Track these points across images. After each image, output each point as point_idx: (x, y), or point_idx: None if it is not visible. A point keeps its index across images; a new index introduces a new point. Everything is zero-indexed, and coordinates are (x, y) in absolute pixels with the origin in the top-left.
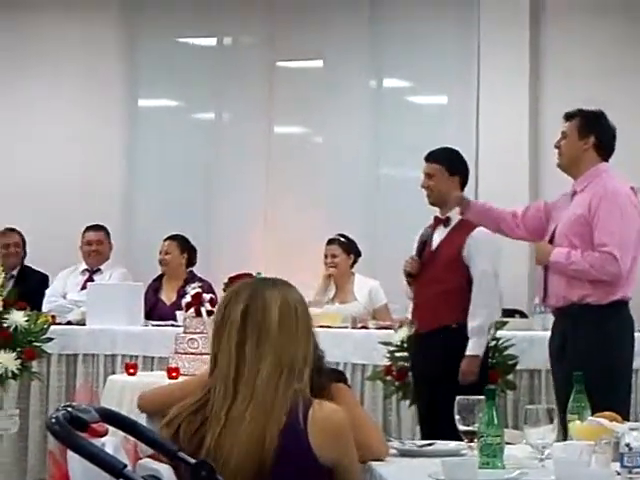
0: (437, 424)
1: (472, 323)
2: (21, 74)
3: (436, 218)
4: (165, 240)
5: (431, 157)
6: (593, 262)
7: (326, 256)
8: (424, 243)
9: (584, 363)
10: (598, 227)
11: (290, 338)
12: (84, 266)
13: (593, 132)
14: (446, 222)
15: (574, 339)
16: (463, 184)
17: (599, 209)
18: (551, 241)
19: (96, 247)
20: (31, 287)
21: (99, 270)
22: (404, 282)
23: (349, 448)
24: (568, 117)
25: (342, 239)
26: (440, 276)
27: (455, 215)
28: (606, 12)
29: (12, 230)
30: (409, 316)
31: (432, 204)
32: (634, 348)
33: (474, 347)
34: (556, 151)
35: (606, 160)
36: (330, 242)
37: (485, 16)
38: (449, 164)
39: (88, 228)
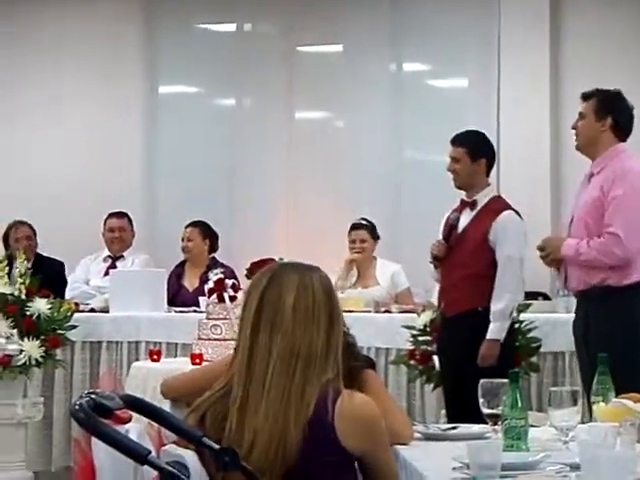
0: (462, 407)
1: (494, 307)
2: (41, 64)
3: (462, 201)
4: (187, 227)
5: (457, 140)
6: (599, 248)
7: (354, 241)
8: (451, 226)
9: (607, 345)
10: (609, 209)
11: (306, 324)
12: (107, 253)
13: (610, 113)
14: (472, 205)
15: (596, 321)
16: (489, 167)
17: (611, 190)
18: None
19: (119, 234)
20: (48, 275)
21: (122, 257)
22: (429, 265)
23: (381, 439)
24: (585, 97)
25: (368, 223)
26: (466, 260)
27: (482, 198)
28: None
29: (22, 223)
30: (435, 299)
31: (458, 187)
32: None
33: (495, 331)
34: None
35: (624, 140)
36: (357, 227)
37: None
38: (474, 147)
39: (111, 215)
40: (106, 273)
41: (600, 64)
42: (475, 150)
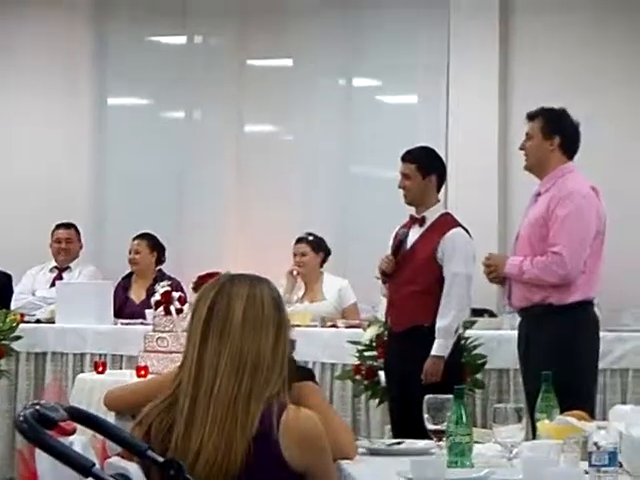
0: (408, 423)
1: (439, 324)
2: None
3: (411, 217)
4: (135, 239)
5: (407, 156)
6: (542, 267)
7: (295, 255)
8: (400, 242)
9: (548, 362)
10: (553, 228)
11: (255, 334)
12: (53, 264)
13: (558, 132)
14: (421, 222)
15: (538, 339)
16: (440, 183)
17: (555, 210)
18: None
19: (65, 245)
20: None
21: (68, 268)
22: (376, 281)
23: (324, 454)
24: (530, 117)
25: (310, 237)
26: (414, 276)
27: (431, 214)
28: (575, 10)
29: None
30: (381, 315)
31: (409, 204)
32: (599, 348)
33: (439, 348)
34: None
35: (571, 158)
36: (298, 241)
37: (455, 15)
38: (425, 163)
39: (58, 226)
40: (52, 284)
41: (549, 81)
42: (426, 166)
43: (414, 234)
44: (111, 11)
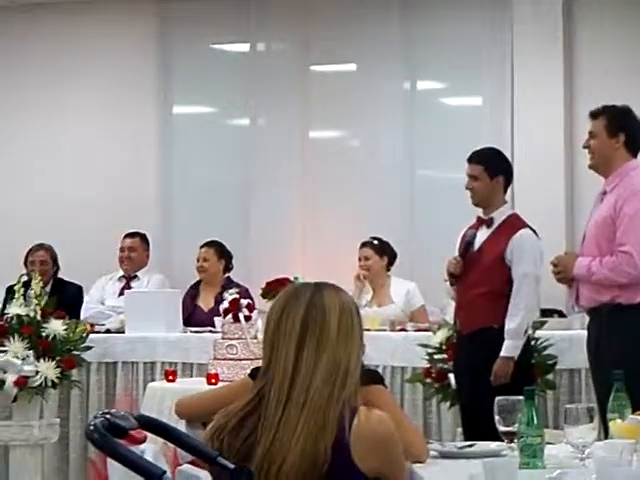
0: (479, 425)
1: (509, 325)
2: (55, 83)
3: (479, 218)
4: (202, 247)
5: (474, 158)
6: (611, 267)
7: (360, 259)
8: (468, 243)
9: (620, 362)
10: (621, 227)
11: (347, 342)
12: (121, 273)
13: (623, 130)
14: (489, 223)
15: (609, 339)
16: (507, 184)
17: (622, 209)
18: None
19: (129, 253)
20: (67, 299)
21: (136, 277)
22: (443, 283)
23: (396, 457)
24: (594, 115)
25: (374, 241)
26: (483, 278)
27: (499, 216)
28: (638, 11)
29: (40, 246)
30: (450, 317)
31: (476, 205)
32: None
33: (508, 349)
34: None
35: (635, 155)
36: (363, 245)
37: (518, 15)
38: (492, 165)
39: (125, 235)
40: (121, 293)
41: (615, 81)
42: (493, 167)
43: (482, 235)
44: (175, 19)
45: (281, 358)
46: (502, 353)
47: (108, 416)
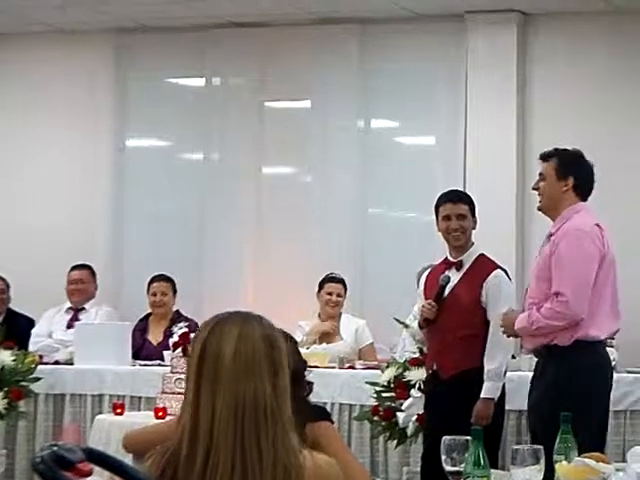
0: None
1: (488, 366)
2: (7, 114)
3: (447, 261)
4: (157, 281)
5: (461, 197)
6: (549, 314)
7: (330, 294)
8: (442, 287)
9: (542, 404)
10: (556, 270)
11: (247, 375)
12: (68, 305)
13: (572, 173)
14: (459, 266)
15: (538, 380)
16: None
17: (558, 250)
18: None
19: (77, 286)
20: (17, 330)
21: (84, 309)
22: (392, 322)
23: None
24: (544, 158)
25: (342, 278)
26: (460, 321)
27: (468, 258)
28: (590, 53)
29: None
30: (400, 356)
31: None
32: (607, 387)
33: (489, 390)
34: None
35: (584, 200)
36: (335, 280)
37: (472, 57)
38: (472, 207)
39: (72, 267)
40: (69, 326)
41: (569, 121)
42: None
43: (453, 278)
44: (130, 52)
45: (187, 395)
46: (483, 394)
47: (55, 448)
